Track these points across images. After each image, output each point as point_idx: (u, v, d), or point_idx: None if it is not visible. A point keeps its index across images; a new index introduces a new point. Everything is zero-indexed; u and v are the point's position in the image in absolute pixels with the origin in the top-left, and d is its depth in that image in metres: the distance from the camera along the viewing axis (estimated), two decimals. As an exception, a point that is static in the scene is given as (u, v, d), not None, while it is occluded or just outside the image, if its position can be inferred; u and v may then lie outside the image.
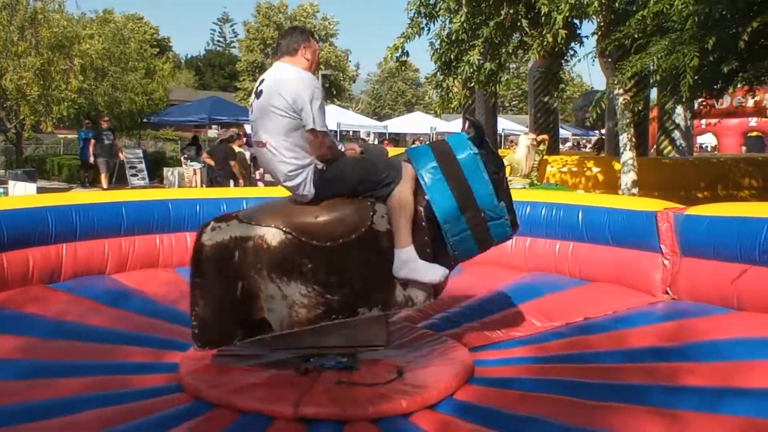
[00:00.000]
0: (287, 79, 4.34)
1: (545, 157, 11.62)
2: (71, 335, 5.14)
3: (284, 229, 4.34)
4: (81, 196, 7.50)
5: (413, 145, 31.82)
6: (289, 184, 4.41)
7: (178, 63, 64.48)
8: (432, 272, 4.41)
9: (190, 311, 4.41)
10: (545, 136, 11.96)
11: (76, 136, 27.56)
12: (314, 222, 4.38)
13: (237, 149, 16.28)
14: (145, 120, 26.68)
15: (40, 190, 15.11)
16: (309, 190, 4.40)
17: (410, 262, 4.36)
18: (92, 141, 19.04)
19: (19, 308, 5.55)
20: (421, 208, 4.49)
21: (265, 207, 4.77)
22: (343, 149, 4.64)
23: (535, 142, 10.88)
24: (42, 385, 4.20)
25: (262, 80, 4.50)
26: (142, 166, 22.81)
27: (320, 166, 4.39)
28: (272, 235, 4.33)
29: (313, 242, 4.32)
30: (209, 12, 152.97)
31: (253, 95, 4.53)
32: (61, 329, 5.23)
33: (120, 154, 19.72)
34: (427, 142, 4.97)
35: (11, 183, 16.05)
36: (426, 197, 4.48)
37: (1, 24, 21.88)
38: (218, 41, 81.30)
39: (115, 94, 26.66)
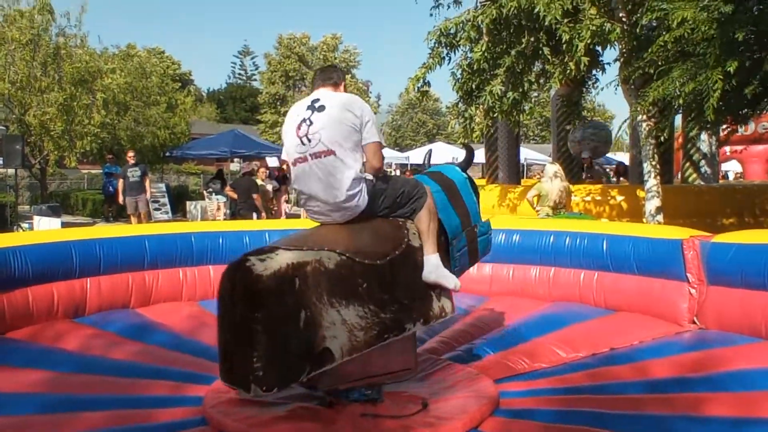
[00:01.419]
0: (354, 99, 4.63)
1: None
2: (94, 369, 5.12)
3: (338, 250, 4.22)
4: (105, 231, 7.53)
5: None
6: (348, 193, 4.41)
7: (199, 96, 64.86)
8: (452, 279, 4.61)
9: (249, 353, 3.93)
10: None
11: (100, 171, 27.58)
12: (363, 241, 4.38)
13: (259, 182, 16.31)
14: (167, 154, 26.65)
15: (65, 225, 15.20)
16: (364, 200, 4.47)
17: (439, 267, 4.54)
18: (120, 180, 18.20)
19: (44, 342, 5.57)
20: None
21: (302, 235, 4.65)
22: None
23: (560, 172, 10.88)
24: (65, 419, 4.16)
25: (317, 98, 4.62)
26: (165, 200, 22.85)
27: (371, 178, 4.51)
28: (328, 257, 4.17)
29: (365, 261, 4.26)
30: (230, 45, 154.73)
31: (307, 109, 4.58)
32: (85, 363, 5.22)
33: (147, 191, 18.39)
34: (423, 173, 5.16)
35: (36, 218, 16.15)
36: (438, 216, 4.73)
37: (24, 60, 21.95)
38: (239, 74, 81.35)
39: (137, 129, 26.69)
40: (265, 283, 3.98)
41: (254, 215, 15.39)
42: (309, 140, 4.47)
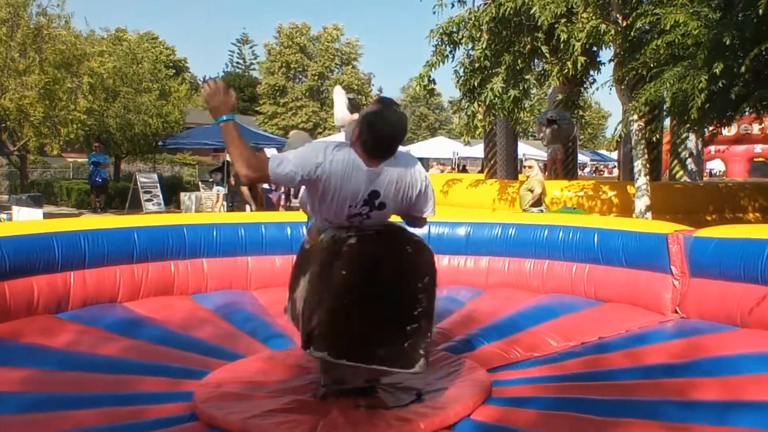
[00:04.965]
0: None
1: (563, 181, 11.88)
2: (80, 366, 4.96)
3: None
4: (90, 222, 7.27)
5: (434, 169, 31.89)
6: None
7: (195, 85, 64.00)
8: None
9: (427, 327, 4.10)
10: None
11: (86, 159, 26.73)
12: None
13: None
14: (160, 144, 25.93)
15: (48, 216, 14.65)
16: None
17: None
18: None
19: (24, 339, 5.34)
20: None
21: None
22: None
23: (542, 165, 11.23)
24: (54, 417, 4.06)
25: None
26: (158, 190, 22.00)
27: None
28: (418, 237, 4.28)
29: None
30: (228, 32, 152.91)
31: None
32: (69, 360, 5.06)
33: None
34: None
35: (15, 209, 15.40)
36: None
37: (0, 40, 20.89)
38: (237, 63, 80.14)
39: (127, 116, 25.77)
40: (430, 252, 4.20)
41: (248, 208, 15.44)
42: None
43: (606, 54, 12.40)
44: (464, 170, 33.86)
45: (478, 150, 29.05)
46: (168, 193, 23.04)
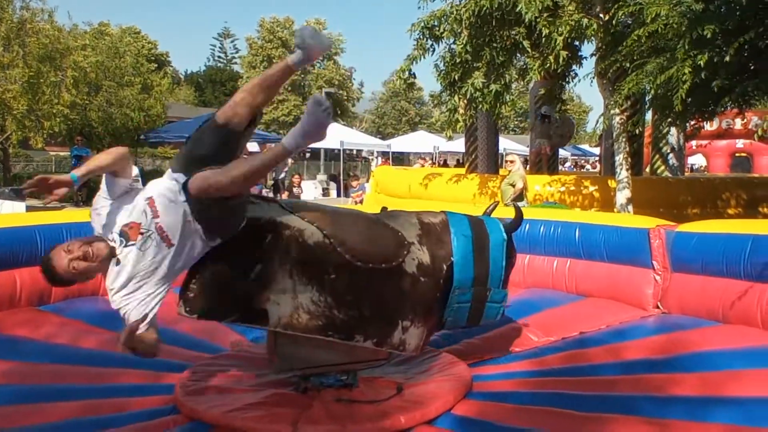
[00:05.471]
0: None
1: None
2: (61, 358, 4.96)
3: (325, 232, 4.25)
4: (72, 215, 7.14)
5: (416, 164, 31.94)
6: None
7: (177, 79, 63.60)
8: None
9: (191, 274, 4.18)
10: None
11: (69, 153, 26.80)
12: (354, 239, 4.34)
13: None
14: (142, 137, 25.91)
15: (30, 209, 14.15)
16: None
17: None
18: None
19: (6, 332, 5.33)
20: (444, 266, 4.55)
21: (314, 206, 4.73)
22: None
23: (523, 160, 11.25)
24: (35, 409, 4.06)
25: None
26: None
27: None
28: (311, 233, 4.23)
29: (346, 256, 4.24)
30: (209, 26, 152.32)
31: None
32: (51, 352, 5.05)
33: None
34: (465, 214, 4.96)
35: None
36: (452, 258, 4.57)
37: None
38: (219, 57, 79.80)
39: (109, 110, 25.93)
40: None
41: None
42: None
43: (588, 48, 12.39)
44: (445, 165, 33.90)
45: (459, 144, 29.10)
46: (149, 187, 22.77)
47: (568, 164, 47.90)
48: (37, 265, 5.84)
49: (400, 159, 43.99)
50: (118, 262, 3.87)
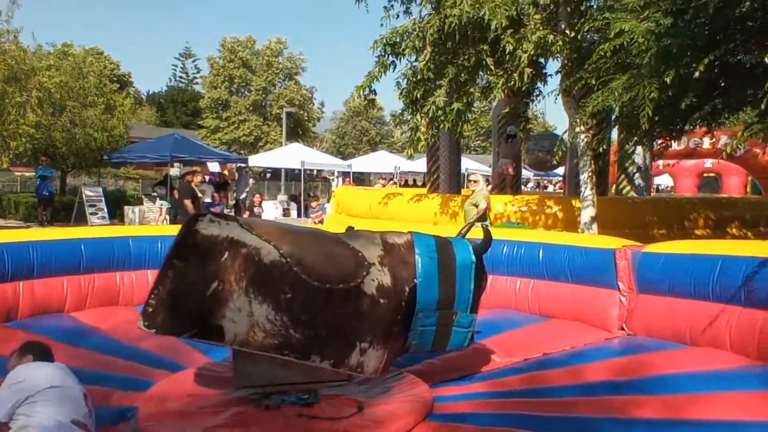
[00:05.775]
0: None
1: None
2: None
3: (282, 251, 4.29)
4: (38, 233, 7.36)
5: (377, 185, 31.92)
6: None
7: (139, 99, 63.41)
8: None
9: (152, 290, 4.25)
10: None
11: (34, 173, 26.80)
12: (312, 258, 4.36)
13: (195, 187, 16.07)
14: (105, 157, 25.91)
15: None
16: None
17: None
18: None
19: None
20: (407, 288, 4.54)
21: (273, 224, 4.78)
22: None
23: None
24: None
25: None
26: (102, 204, 22.24)
27: None
28: (267, 252, 4.28)
29: (302, 276, 4.27)
30: (171, 47, 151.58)
31: None
32: None
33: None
34: (433, 235, 4.98)
35: None
36: (416, 279, 4.55)
37: None
38: (180, 77, 79.22)
39: (73, 130, 25.47)
40: (198, 239, 4.24)
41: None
42: None
43: (553, 65, 12.39)
44: (407, 185, 33.85)
45: (420, 164, 29.10)
46: (112, 207, 23.15)
47: (530, 185, 48.04)
48: (4, 282, 6.13)
49: (361, 179, 44.06)
50: None
